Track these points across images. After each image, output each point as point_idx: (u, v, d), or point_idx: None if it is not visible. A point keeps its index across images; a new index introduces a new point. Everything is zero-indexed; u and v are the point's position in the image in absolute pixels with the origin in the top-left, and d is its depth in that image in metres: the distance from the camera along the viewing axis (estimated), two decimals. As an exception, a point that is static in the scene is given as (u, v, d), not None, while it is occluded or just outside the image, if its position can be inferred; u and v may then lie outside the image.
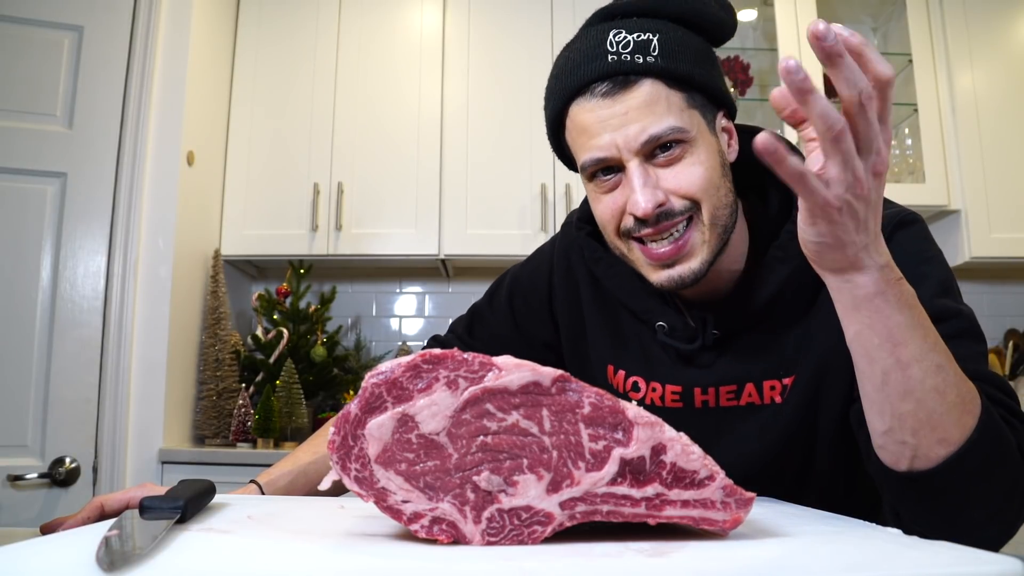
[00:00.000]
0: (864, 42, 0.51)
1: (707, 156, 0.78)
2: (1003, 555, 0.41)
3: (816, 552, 0.46)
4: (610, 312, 0.94)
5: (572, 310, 0.98)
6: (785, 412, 0.83)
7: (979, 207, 2.40)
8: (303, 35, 2.54)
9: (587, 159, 0.79)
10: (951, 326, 0.72)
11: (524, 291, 1.02)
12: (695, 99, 0.78)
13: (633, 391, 0.91)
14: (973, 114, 2.46)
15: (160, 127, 2.13)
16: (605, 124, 0.76)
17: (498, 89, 2.52)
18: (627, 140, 0.76)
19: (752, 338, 0.84)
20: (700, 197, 0.77)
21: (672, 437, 0.49)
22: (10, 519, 1.80)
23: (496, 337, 1.03)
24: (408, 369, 0.49)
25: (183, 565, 0.42)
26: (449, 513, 0.49)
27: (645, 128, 0.75)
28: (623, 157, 0.77)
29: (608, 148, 0.77)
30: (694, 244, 0.78)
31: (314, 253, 2.43)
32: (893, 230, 0.79)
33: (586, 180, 0.83)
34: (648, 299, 0.88)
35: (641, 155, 0.76)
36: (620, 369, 0.92)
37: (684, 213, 0.77)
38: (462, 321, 1.07)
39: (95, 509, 0.72)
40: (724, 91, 0.82)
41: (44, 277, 1.94)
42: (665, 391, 0.88)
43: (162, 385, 2.07)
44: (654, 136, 0.75)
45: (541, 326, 1.01)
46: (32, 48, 2.00)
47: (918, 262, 0.77)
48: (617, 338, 0.93)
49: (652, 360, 0.90)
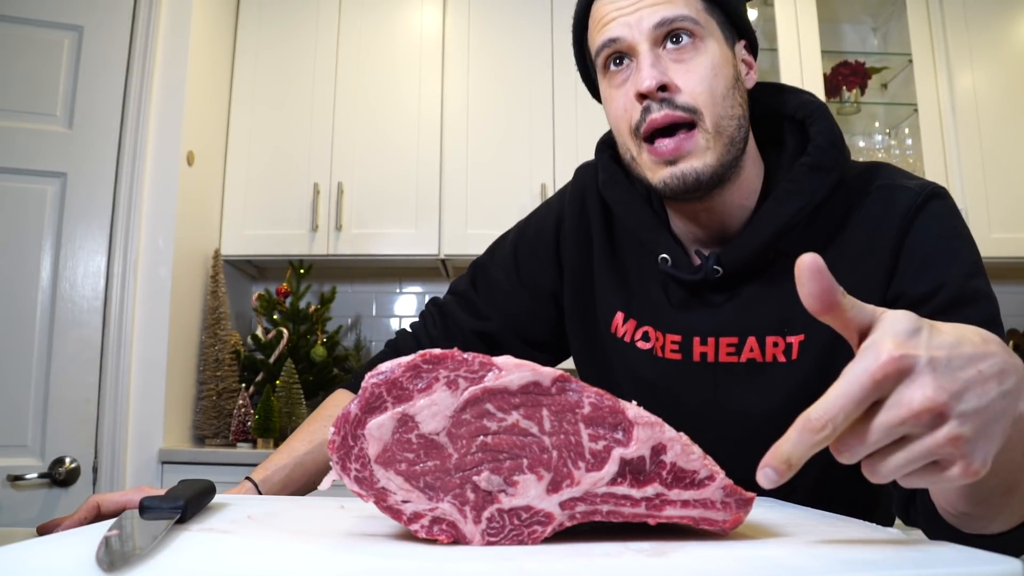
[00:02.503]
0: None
1: (719, 61, 0.78)
2: (1003, 555, 0.41)
3: (816, 552, 0.46)
4: (621, 258, 0.92)
5: (582, 256, 0.95)
6: (796, 374, 0.80)
7: (979, 207, 2.40)
8: (303, 35, 2.54)
9: (599, 42, 0.80)
10: (982, 310, 0.72)
11: (530, 241, 1.00)
12: (715, 13, 0.80)
13: (643, 340, 0.88)
14: (973, 114, 2.46)
15: (160, 127, 2.13)
16: (622, 10, 0.78)
17: (498, 89, 2.52)
18: (639, 21, 0.77)
19: (758, 288, 0.82)
20: (705, 98, 0.77)
21: (672, 437, 0.49)
22: (10, 519, 1.80)
23: (501, 291, 1.00)
24: (408, 369, 0.49)
25: (183, 565, 0.42)
26: (449, 513, 0.49)
27: (658, 11, 0.77)
28: (634, 39, 0.77)
29: (620, 29, 0.78)
30: (697, 143, 0.77)
31: (314, 253, 2.43)
32: (926, 200, 0.78)
33: (601, 77, 0.83)
34: (658, 230, 0.86)
35: (652, 40, 0.77)
36: (631, 317, 0.90)
37: (686, 112, 0.76)
38: (464, 279, 1.03)
39: (91, 509, 0.72)
40: (746, 21, 0.83)
41: (44, 277, 1.94)
42: (665, 340, 0.86)
43: (162, 385, 2.07)
44: (666, 19, 0.76)
45: (546, 275, 0.98)
46: (32, 48, 2.00)
47: (952, 236, 0.77)
48: (625, 284, 0.91)
49: (654, 305, 0.88)
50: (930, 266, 0.75)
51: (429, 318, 1.03)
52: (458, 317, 1.00)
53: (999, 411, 0.42)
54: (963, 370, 0.41)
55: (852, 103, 2.65)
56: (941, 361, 0.41)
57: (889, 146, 2.68)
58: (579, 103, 2.47)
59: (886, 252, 0.78)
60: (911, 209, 0.77)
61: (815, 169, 0.79)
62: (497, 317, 0.99)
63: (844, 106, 2.67)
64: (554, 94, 2.50)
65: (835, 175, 0.80)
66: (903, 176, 0.82)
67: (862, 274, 0.78)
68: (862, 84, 2.64)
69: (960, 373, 0.41)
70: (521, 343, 0.99)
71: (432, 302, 1.04)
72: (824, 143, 0.80)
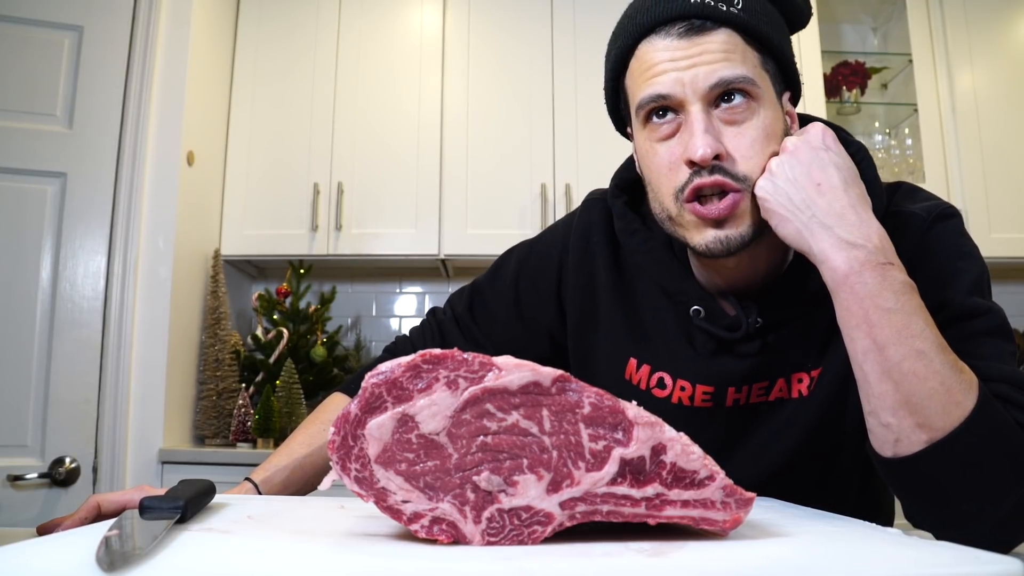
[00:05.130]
0: None
1: (771, 125, 0.74)
2: (1003, 555, 0.41)
3: (816, 552, 0.46)
4: (631, 301, 0.88)
5: (585, 297, 0.91)
6: (811, 405, 0.80)
7: (979, 207, 2.40)
8: (303, 35, 2.54)
9: (646, 95, 0.74)
10: (982, 323, 0.72)
11: (532, 272, 0.96)
12: (768, 64, 0.75)
13: (658, 388, 0.85)
14: (973, 114, 2.46)
15: (160, 127, 2.13)
16: (676, 63, 0.72)
17: (498, 89, 2.52)
18: (695, 80, 0.71)
19: (787, 330, 0.80)
20: (755, 165, 0.72)
21: (672, 437, 0.49)
22: (10, 519, 1.80)
23: (496, 321, 0.97)
24: (408, 369, 0.49)
25: (183, 565, 0.42)
26: (449, 513, 0.49)
27: (716, 71, 0.71)
28: (686, 98, 0.72)
29: (672, 86, 0.72)
30: (744, 207, 0.73)
31: (314, 253, 2.43)
32: (933, 223, 0.78)
33: (639, 126, 0.77)
34: (686, 281, 0.82)
35: (706, 101, 0.72)
36: (644, 363, 0.86)
37: (738, 183, 0.72)
38: (462, 298, 1.01)
39: (92, 509, 0.72)
40: (795, 69, 0.79)
41: (44, 277, 1.94)
42: (696, 391, 0.83)
43: (162, 385, 2.07)
44: (724, 80, 0.71)
45: (545, 312, 0.95)
46: (32, 48, 2.00)
47: (955, 257, 0.76)
48: (638, 330, 0.87)
49: (676, 355, 0.84)
50: (933, 287, 0.74)
51: (428, 335, 1.02)
52: (456, 342, 0.99)
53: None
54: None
55: (852, 103, 2.65)
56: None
57: (889, 146, 2.68)
58: (579, 103, 2.47)
59: None
60: (917, 234, 0.78)
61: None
62: (491, 347, 0.97)
63: (844, 106, 2.67)
64: (554, 94, 2.50)
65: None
66: (912, 199, 0.81)
67: None
68: (862, 84, 2.64)
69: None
70: None
71: (432, 314, 1.04)
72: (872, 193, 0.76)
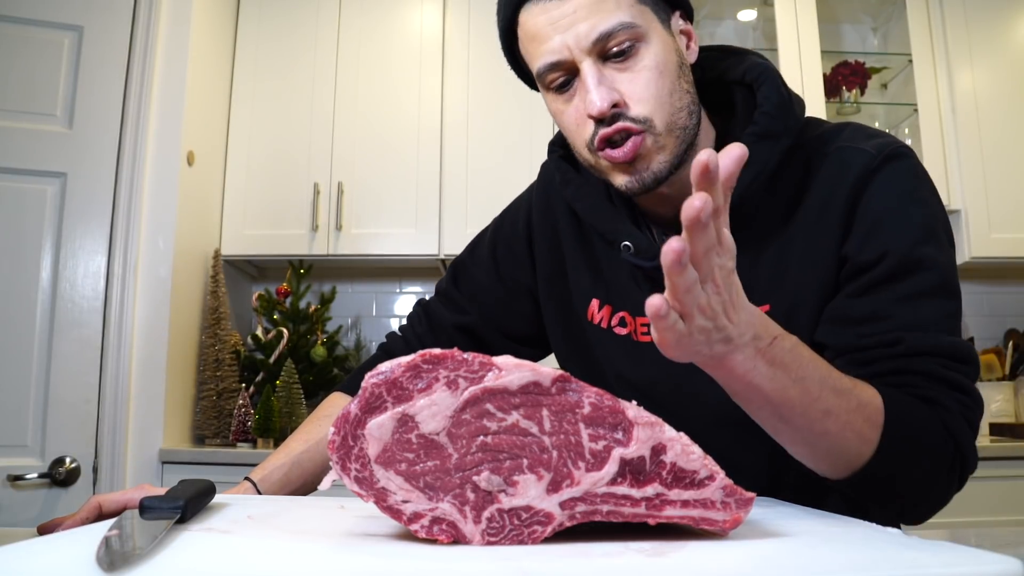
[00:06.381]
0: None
1: (662, 57, 0.75)
2: (1003, 555, 0.41)
3: (816, 552, 0.46)
4: (590, 248, 0.92)
5: (552, 247, 0.95)
6: None
7: (979, 207, 2.40)
8: (303, 35, 2.54)
9: (540, 65, 0.76)
10: (922, 280, 0.70)
11: (506, 236, 1.02)
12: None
13: (620, 326, 0.88)
14: (973, 114, 2.46)
15: (160, 127, 2.13)
16: (556, 25, 0.74)
17: (498, 88, 2.51)
18: (578, 39, 0.73)
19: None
20: (653, 104, 0.74)
21: (672, 437, 0.49)
22: (10, 519, 1.80)
23: (479, 287, 1.01)
24: (408, 369, 0.49)
25: (183, 565, 0.42)
26: (449, 513, 0.49)
27: (595, 25, 0.73)
28: (575, 58, 0.74)
29: (560, 50, 0.74)
30: (647, 146, 0.75)
31: (314, 253, 2.43)
32: (881, 163, 0.75)
33: (544, 92, 0.80)
34: (617, 220, 0.84)
35: (593, 54, 0.74)
36: (606, 304, 0.90)
37: (639, 124, 0.74)
38: (445, 277, 1.05)
39: (93, 509, 0.72)
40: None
41: (44, 277, 1.94)
42: (636, 324, 0.86)
43: (162, 385, 2.07)
44: (604, 32, 0.73)
45: (523, 271, 0.99)
46: (32, 48, 2.00)
47: (905, 202, 0.74)
48: (598, 272, 0.91)
49: (627, 291, 0.87)
50: (877, 233, 0.73)
51: (415, 319, 1.05)
52: (440, 314, 1.02)
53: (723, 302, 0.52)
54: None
55: (852, 103, 2.65)
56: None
57: (889, 146, 2.68)
58: (579, 103, 2.47)
59: (839, 217, 0.76)
60: (865, 172, 0.75)
61: (763, 137, 0.77)
62: (475, 311, 1.00)
63: (844, 106, 2.66)
64: (554, 94, 2.50)
65: (785, 141, 0.78)
66: (865, 137, 0.79)
67: (819, 239, 0.77)
68: (862, 84, 2.64)
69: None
70: (502, 337, 1.01)
71: (418, 303, 1.07)
72: (771, 108, 0.78)
